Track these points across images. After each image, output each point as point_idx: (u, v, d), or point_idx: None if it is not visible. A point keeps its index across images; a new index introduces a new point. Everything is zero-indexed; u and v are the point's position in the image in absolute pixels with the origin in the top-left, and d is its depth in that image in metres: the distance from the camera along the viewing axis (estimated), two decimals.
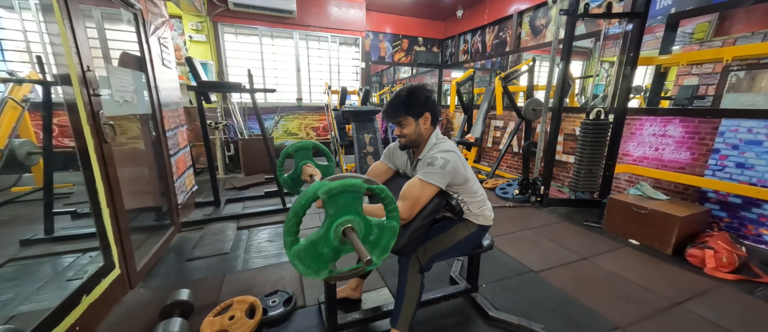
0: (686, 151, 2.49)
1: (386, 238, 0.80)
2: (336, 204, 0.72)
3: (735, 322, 1.38)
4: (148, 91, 2.00)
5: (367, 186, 0.74)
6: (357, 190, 0.73)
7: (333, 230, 0.73)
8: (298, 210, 0.69)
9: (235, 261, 1.89)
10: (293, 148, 1.38)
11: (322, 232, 0.73)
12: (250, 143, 4.07)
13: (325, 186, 0.70)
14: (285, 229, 0.71)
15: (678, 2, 2.69)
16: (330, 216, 0.73)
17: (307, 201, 0.70)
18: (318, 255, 0.74)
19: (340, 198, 0.72)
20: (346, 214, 0.73)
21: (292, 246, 0.71)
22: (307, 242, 0.73)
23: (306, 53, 4.75)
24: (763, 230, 2.11)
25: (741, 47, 2.20)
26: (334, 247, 0.75)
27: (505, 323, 1.31)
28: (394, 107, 1.10)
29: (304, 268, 0.73)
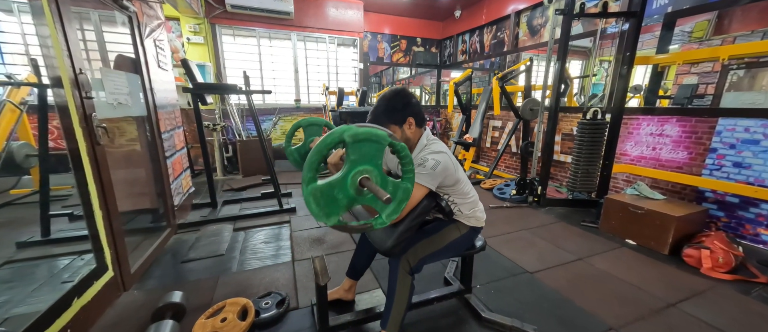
0: (683, 151, 2.48)
1: (399, 197, 0.80)
2: (358, 151, 0.73)
3: (729, 323, 1.37)
4: (143, 93, 2.00)
5: (390, 140, 0.75)
6: (380, 141, 0.74)
7: (351, 176, 0.73)
8: (322, 149, 0.70)
9: (230, 263, 1.89)
10: (306, 122, 1.40)
11: (341, 177, 0.73)
12: (248, 144, 4.07)
13: (351, 130, 0.71)
14: (306, 165, 0.70)
15: (675, 1, 2.68)
16: (350, 162, 0.73)
17: (332, 140, 0.70)
18: (333, 198, 0.73)
19: (363, 146, 0.73)
20: (366, 164, 0.74)
21: (310, 183, 0.71)
22: (325, 183, 0.72)
23: (304, 54, 4.75)
24: (760, 229, 2.10)
25: (737, 46, 2.20)
26: (350, 195, 0.75)
27: (498, 324, 1.30)
28: (376, 117, 1.10)
29: (316, 209, 0.72)
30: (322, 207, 0.72)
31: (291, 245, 2.12)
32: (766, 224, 2.07)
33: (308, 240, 2.20)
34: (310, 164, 0.69)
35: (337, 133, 0.70)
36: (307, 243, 2.13)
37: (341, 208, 0.75)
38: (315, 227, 2.41)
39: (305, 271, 1.78)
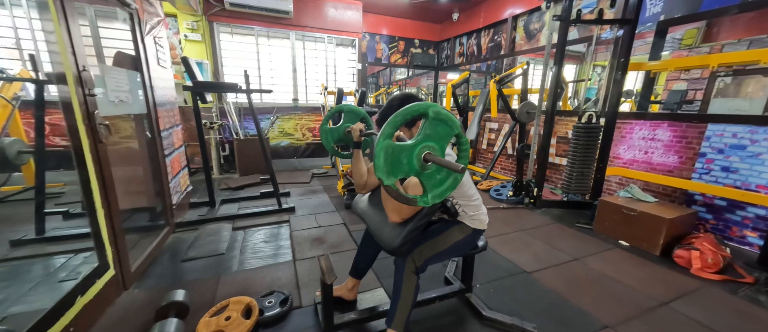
0: (674, 155, 2.56)
1: (448, 184, 0.84)
2: (433, 128, 0.78)
3: (718, 321, 1.43)
4: (143, 91, 1.99)
5: (458, 130, 0.81)
6: (453, 127, 0.80)
7: (420, 147, 0.77)
8: (406, 114, 0.75)
9: (231, 262, 1.89)
10: (347, 108, 1.44)
11: (412, 144, 0.77)
12: (246, 143, 4.05)
13: (436, 107, 0.77)
14: (390, 122, 0.74)
15: (667, 9, 2.76)
16: (424, 135, 0.78)
17: (416, 109, 0.76)
18: (397, 161, 0.77)
19: (439, 126, 0.78)
20: (435, 142, 0.79)
21: (387, 138, 0.75)
22: (398, 144, 0.76)
23: (302, 54, 4.75)
24: (746, 232, 2.18)
25: (726, 54, 2.28)
26: (412, 164, 0.79)
27: (499, 323, 1.34)
28: (384, 117, 1.12)
29: (381, 164, 0.75)
30: (387, 163, 0.76)
31: (291, 244, 2.13)
32: (751, 226, 2.16)
33: (308, 239, 2.20)
34: (394, 123, 0.74)
35: (423, 106, 0.76)
36: (307, 243, 2.14)
37: (401, 172, 0.79)
38: (314, 227, 2.42)
39: (306, 270, 1.79)
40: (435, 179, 0.83)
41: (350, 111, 1.42)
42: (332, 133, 1.45)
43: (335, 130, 1.45)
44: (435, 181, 0.83)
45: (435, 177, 0.82)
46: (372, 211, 1.21)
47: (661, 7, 2.78)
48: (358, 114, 1.43)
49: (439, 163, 0.76)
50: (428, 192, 0.82)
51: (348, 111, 1.43)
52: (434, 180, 0.83)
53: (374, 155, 0.75)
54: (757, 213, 2.12)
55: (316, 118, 4.89)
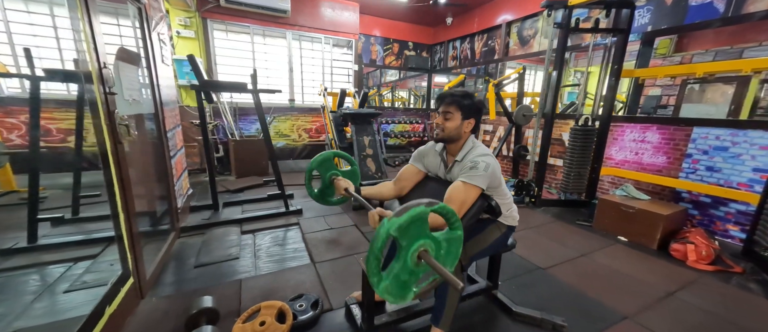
0: (663, 156, 2.75)
1: (455, 247, 0.84)
2: (407, 235, 0.75)
3: (720, 308, 1.56)
4: (151, 89, 1.90)
5: (430, 209, 0.77)
6: (422, 217, 0.76)
7: (409, 257, 0.76)
8: (377, 253, 0.73)
9: (248, 267, 1.83)
10: (316, 163, 1.39)
11: (401, 264, 0.76)
12: (242, 144, 3.93)
13: (395, 224, 0.72)
14: (369, 271, 0.74)
15: (654, 21, 2.97)
16: (404, 248, 0.76)
17: (382, 243, 0.72)
18: (401, 284, 0.78)
19: (410, 229, 0.75)
20: (417, 240, 0.77)
21: (380, 284, 0.75)
22: (391, 277, 0.76)
23: (299, 54, 4.68)
24: (729, 226, 2.38)
25: (711, 64, 2.48)
26: (413, 271, 0.78)
27: (529, 318, 1.39)
28: (453, 95, 1.16)
29: (393, 299, 0.78)
30: (396, 294, 0.77)
31: (306, 247, 2.09)
32: (734, 221, 2.36)
33: (323, 242, 2.18)
34: (372, 270, 0.73)
35: (381, 234, 0.72)
36: (322, 245, 2.12)
37: (411, 285, 0.80)
38: (326, 229, 2.40)
39: (328, 273, 1.77)
40: (441, 255, 0.81)
41: (321, 162, 1.36)
42: (321, 191, 1.40)
43: (320, 189, 1.40)
44: (442, 256, 0.82)
45: (439, 254, 0.81)
46: None
47: (649, 19, 2.99)
48: (329, 158, 1.38)
49: (435, 269, 0.75)
50: (446, 264, 0.82)
51: (318, 165, 1.36)
52: (441, 256, 0.82)
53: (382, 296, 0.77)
54: (739, 209, 2.32)
55: (313, 119, 4.83)
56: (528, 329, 1.37)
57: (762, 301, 1.64)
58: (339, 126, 3.58)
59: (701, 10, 2.64)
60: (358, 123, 3.39)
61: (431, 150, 1.34)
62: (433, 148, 1.33)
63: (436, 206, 0.77)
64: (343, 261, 1.91)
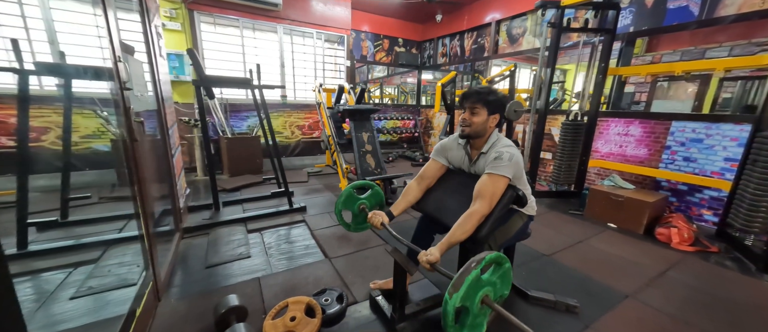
0: (644, 148, 2.97)
1: (507, 278, 0.90)
2: (469, 298, 0.81)
3: (704, 283, 1.73)
4: (152, 84, 1.81)
5: (479, 268, 0.81)
6: (477, 278, 0.81)
7: (476, 308, 0.82)
8: (451, 324, 0.78)
9: (262, 265, 1.81)
10: (341, 204, 1.41)
11: (471, 318, 0.82)
12: (235, 142, 3.82)
13: (457, 299, 0.77)
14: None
15: (635, 22, 3.18)
16: (468, 310, 0.81)
17: (452, 318, 0.77)
18: (476, 326, 0.84)
19: (469, 292, 0.80)
20: (478, 292, 0.82)
21: None
22: (470, 329, 0.83)
23: (290, 49, 4.58)
24: (703, 211, 2.63)
25: (687, 63, 2.69)
26: (480, 314, 0.84)
27: (544, 300, 1.48)
28: (479, 93, 1.20)
29: None
30: None
31: (318, 243, 2.09)
32: (707, 206, 2.60)
33: (333, 237, 2.18)
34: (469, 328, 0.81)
35: (450, 312, 0.76)
36: (334, 241, 2.12)
37: (483, 325, 0.86)
38: (334, 225, 2.40)
39: (345, 268, 1.79)
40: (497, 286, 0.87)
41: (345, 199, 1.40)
42: (355, 222, 1.44)
43: (353, 221, 1.44)
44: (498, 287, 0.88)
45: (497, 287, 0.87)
46: (449, 206, 1.26)
47: (631, 20, 3.19)
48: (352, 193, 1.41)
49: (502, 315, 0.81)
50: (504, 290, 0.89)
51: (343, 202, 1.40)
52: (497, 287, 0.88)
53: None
54: (712, 195, 2.56)
55: (307, 116, 4.75)
56: (543, 311, 1.46)
57: (737, 276, 1.83)
58: (337, 122, 3.56)
59: (678, 12, 2.86)
60: (356, 119, 3.38)
61: (454, 143, 1.38)
62: (457, 142, 1.38)
63: (483, 262, 0.82)
64: (358, 256, 1.93)
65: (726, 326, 1.40)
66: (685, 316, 1.45)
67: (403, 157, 5.42)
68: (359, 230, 1.47)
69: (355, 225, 1.45)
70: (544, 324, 1.37)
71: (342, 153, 3.40)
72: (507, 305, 1.48)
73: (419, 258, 1.03)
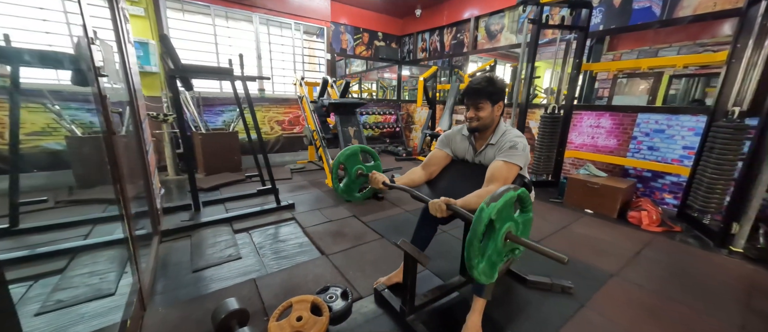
0: (614, 139, 3.20)
1: (527, 227, 0.92)
2: (501, 218, 0.81)
3: (673, 259, 1.91)
4: (123, 73, 1.63)
5: (517, 193, 0.83)
6: (512, 200, 0.82)
7: (500, 238, 0.82)
8: (480, 236, 0.77)
9: (255, 266, 1.72)
10: (343, 157, 1.37)
11: (494, 245, 0.82)
12: (211, 138, 3.58)
13: (494, 209, 0.77)
14: (470, 254, 0.78)
15: (605, 21, 3.39)
16: (496, 230, 0.81)
17: (484, 226, 0.77)
18: (492, 264, 0.84)
19: (503, 212, 0.80)
20: (506, 223, 0.83)
21: (479, 266, 0.80)
22: (488, 262, 0.82)
23: (267, 40, 4.36)
24: (665, 194, 2.89)
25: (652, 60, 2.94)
26: (501, 251, 0.84)
27: (542, 284, 1.55)
28: (478, 91, 1.20)
29: (485, 279, 0.84)
30: (489, 275, 0.84)
31: (312, 241, 2.03)
32: (668, 190, 2.87)
33: (327, 234, 2.13)
34: (474, 254, 0.79)
35: (484, 219, 0.76)
36: (328, 238, 2.07)
37: (497, 266, 0.86)
38: (326, 221, 2.34)
39: (344, 264, 1.75)
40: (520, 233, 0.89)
41: (348, 156, 1.36)
42: (347, 185, 1.39)
43: (346, 182, 1.39)
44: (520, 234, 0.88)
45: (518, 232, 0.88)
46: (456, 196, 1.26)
47: (601, 19, 3.41)
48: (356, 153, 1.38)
49: (529, 247, 0.81)
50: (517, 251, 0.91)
51: (346, 158, 1.36)
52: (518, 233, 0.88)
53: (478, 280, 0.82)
54: (672, 181, 2.83)
55: (287, 110, 4.57)
56: (540, 294, 1.52)
57: (699, 251, 2.04)
58: (321, 117, 3.46)
59: (642, 12, 3.10)
60: (342, 113, 3.31)
61: (458, 134, 1.39)
62: (461, 133, 1.39)
63: (520, 190, 0.84)
64: (355, 252, 1.89)
65: (698, 296, 1.55)
66: (665, 291, 1.59)
67: (386, 152, 5.41)
68: (349, 195, 1.41)
69: (347, 191, 1.39)
70: (545, 306, 1.43)
71: (327, 148, 3.32)
72: (507, 291, 1.53)
73: (434, 202, 1.01)
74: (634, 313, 1.41)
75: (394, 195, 2.99)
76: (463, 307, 1.39)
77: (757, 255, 1.93)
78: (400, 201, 2.83)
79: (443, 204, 0.99)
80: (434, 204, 1.01)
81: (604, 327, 1.32)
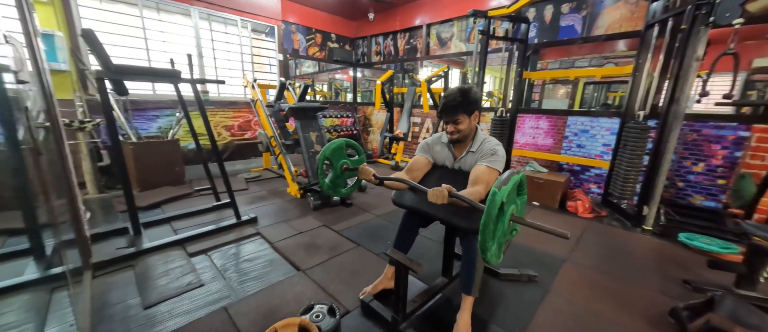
0: (550, 138, 3.66)
1: (522, 209, 1.02)
2: (509, 200, 0.88)
3: (606, 240, 2.26)
4: (36, 74, 1.32)
5: (520, 176, 0.92)
6: (517, 183, 0.91)
7: (507, 220, 0.88)
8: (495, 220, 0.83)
9: (224, 292, 1.54)
10: (329, 151, 1.35)
11: (501, 228, 0.88)
12: (145, 148, 3.10)
13: (505, 193, 0.84)
14: (487, 237, 0.84)
15: (539, 35, 3.86)
16: (504, 213, 0.87)
17: (496, 211, 0.82)
18: (499, 246, 0.90)
19: (510, 195, 0.87)
20: (512, 204, 0.90)
21: (492, 248, 0.87)
22: (498, 244, 0.88)
23: (210, 37, 3.94)
24: (591, 185, 3.41)
25: (580, 70, 3.44)
26: (505, 233, 0.91)
27: (512, 275, 1.69)
28: (454, 108, 1.26)
29: (495, 260, 0.90)
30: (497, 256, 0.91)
31: (283, 256, 1.90)
32: (593, 181, 3.39)
33: (299, 247, 2.01)
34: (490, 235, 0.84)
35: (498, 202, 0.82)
36: (301, 251, 1.96)
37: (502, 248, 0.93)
38: (296, 234, 2.21)
39: (323, 278, 1.68)
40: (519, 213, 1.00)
41: (334, 150, 1.37)
42: (332, 181, 1.39)
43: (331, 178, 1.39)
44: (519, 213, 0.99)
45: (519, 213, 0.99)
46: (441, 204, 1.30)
47: (535, 33, 3.87)
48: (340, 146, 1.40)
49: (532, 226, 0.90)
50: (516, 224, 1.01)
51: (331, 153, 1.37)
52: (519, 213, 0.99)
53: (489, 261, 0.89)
54: (596, 173, 3.35)
55: (235, 114, 4.20)
56: (511, 284, 1.67)
57: (622, 232, 2.45)
58: (280, 121, 3.26)
59: (567, 29, 3.60)
60: (303, 118, 3.17)
61: (438, 143, 1.45)
62: (440, 141, 1.44)
63: (521, 174, 0.93)
64: (333, 263, 1.83)
65: (627, 269, 1.87)
66: (604, 268, 1.88)
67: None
68: (334, 191, 1.41)
69: (332, 186, 1.40)
70: (516, 296, 1.57)
71: (290, 153, 3.14)
72: (484, 286, 1.64)
73: (436, 190, 1.04)
74: (588, 292, 1.64)
75: (362, 200, 2.97)
76: (449, 308, 1.45)
77: (661, 231, 2.40)
78: (369, 206, 2.82)
79: (446, 191, 1.03)
80: (435, 192, 1.04)
81: (568, 309, 1.50)
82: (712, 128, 2.65)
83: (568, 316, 1.44)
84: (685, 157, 2.80)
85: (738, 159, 2.57)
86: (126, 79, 1.72)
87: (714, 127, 2.64)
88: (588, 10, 3.41)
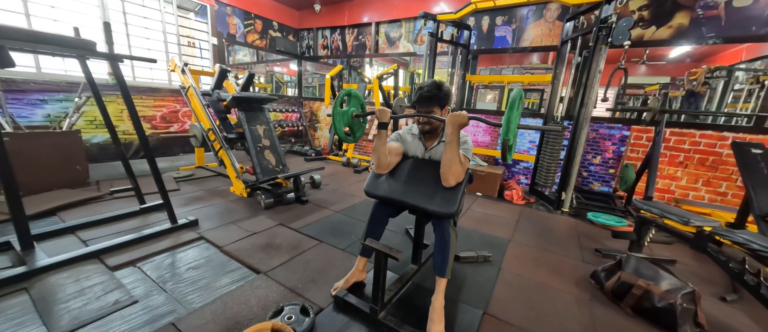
0: (488, 136, 4.09)
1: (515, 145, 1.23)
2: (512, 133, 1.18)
3: (537, 222, 2.64)
4: None
5: (521, 91, 1.20)
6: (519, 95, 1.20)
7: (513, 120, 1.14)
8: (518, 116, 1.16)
9: (167, 305, 1.31)
10: (346, 92, 1.51)
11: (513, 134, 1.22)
12: (30, 141, 2.43)
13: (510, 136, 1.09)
14: (507, 135, 1.16)
15: (477, 43, 4.26)
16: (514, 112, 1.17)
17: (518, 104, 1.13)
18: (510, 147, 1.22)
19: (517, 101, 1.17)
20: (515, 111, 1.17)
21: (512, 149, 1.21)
22: (514, 135, 1.21)
23: (121, 8, 3.28)
24: (520, 176, 3.92)
25: (513, 76, 3.90)
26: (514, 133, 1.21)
27: (469, 258, 1.84)
28: (429, 98, 1.31)
29: (510, 158, 1.22)
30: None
31: (237, 260, 1.71)
32: (522, 173, 3.91)
33: (255, 248, 1.83)
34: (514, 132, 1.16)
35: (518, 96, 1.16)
36: (259, 252, 1.79)
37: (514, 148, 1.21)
38: (249, 235, 2.01)
39: (288, 278, 1.56)
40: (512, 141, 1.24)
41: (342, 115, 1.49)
42: (344, 115, 1.42)
43: (346, 112, 1.43)
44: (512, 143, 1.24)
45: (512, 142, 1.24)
46: (414, 189, 1.33)
47: (474, 40, 4.26)
48: (355, 96, 1.53)
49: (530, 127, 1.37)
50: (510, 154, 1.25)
51: (348, 92, 1.51)
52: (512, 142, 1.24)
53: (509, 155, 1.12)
54: (524, 166, 3.87)
55: (157, 104, 3.58)
56: (470, 266, 1.82)
57: (547, 214, 2.89)
58: (220, 113, 2.91)
59: (500, 39, 4.06)
60: (248, 109, 2.89)
61: (408, 134, 1.48)
62: (410, 132, 1.48)
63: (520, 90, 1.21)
64: (297, 262, 1.72)
65: (556, 244, 2.21)
66: (539, 244, 2.19)
67: (293, 152, 5.05)
68: (353, 136, 1.57)
69: (355, 135, 1.57)
70: (476, 275, 1.72)
71: (230, 149, 2.83)
72: None
73: (453, 114, 1.26)
74: (531, 265, 1.88)
75: (318, 197, 2.86)
76: (420, 292, 1.50)
77: (574, 212, 2.91)
78: (326, 203, 2.73)
79: (465, 113, 1.23)
80: (455, 116, 1.24)
81: (518, 282, 1.70)
82: (606, 128, 3.33)
83: (520, 287, 1.64)
84: (588, 151, 3.45)
85: (622, 152, 3.28)
86: (16, 49, 1.30)
87: (607, 127, 3.32)
88: (516, 24, 3.90)
